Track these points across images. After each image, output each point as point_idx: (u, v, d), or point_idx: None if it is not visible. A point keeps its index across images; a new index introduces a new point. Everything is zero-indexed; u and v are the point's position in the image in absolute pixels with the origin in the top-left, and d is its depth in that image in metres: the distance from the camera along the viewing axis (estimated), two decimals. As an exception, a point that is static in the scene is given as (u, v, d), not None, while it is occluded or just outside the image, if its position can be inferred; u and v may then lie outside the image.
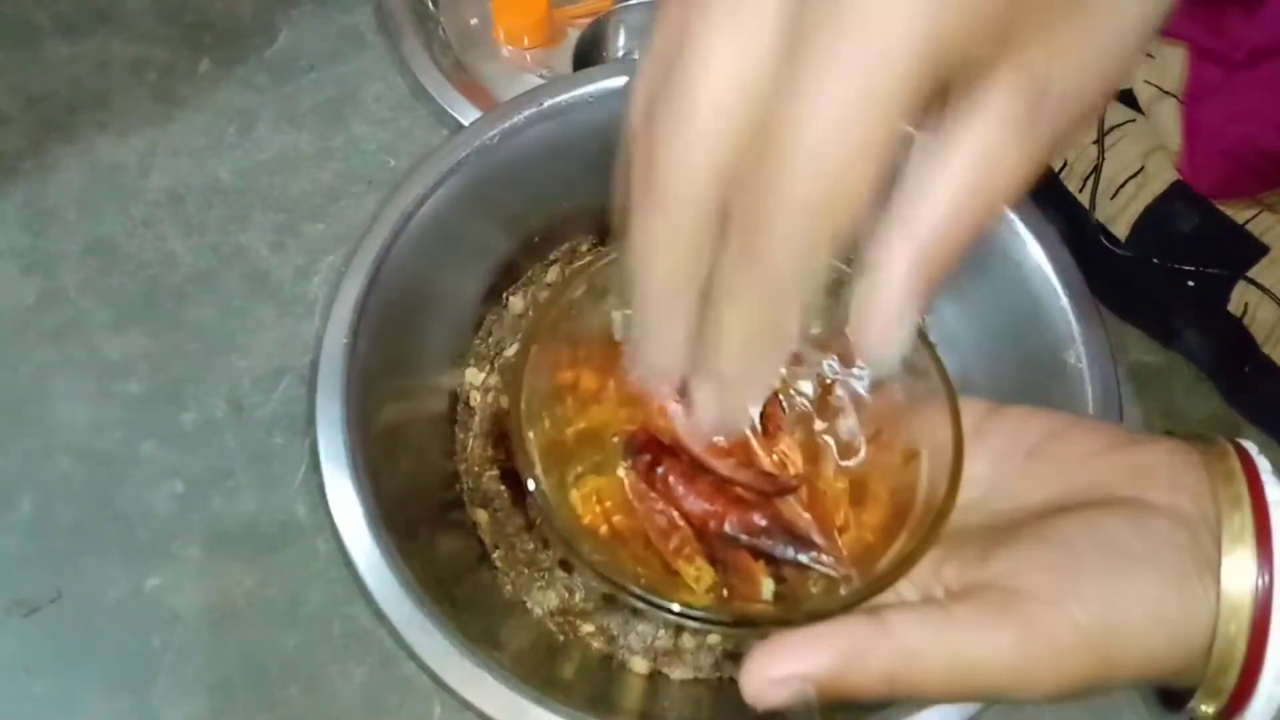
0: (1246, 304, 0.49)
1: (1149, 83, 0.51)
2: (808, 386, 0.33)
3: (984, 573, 0.26)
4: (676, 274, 0.21)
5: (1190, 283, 0.50)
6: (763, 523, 0.30)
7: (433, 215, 0.47)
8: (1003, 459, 0.30)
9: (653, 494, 0.31)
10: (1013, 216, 0.47)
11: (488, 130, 0.48)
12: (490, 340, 0.54)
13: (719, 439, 0.31)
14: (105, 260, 0.59)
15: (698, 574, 0.30)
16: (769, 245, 0.19)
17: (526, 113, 0.48)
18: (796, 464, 0.32)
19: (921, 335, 0.30)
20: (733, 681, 0.46)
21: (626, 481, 0.32)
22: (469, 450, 0.51)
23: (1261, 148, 0.46)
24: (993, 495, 0.30)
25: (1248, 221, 0.49)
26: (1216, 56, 0.47)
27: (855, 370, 0.33)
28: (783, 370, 0.32)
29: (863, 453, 0.33)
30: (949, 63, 0.18)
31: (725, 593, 0.30)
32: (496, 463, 0.51)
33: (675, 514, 0.31)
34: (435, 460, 0.50)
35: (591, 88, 0.49)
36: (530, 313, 0.54)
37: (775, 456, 0.32)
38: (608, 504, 0.32)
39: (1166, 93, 0.50)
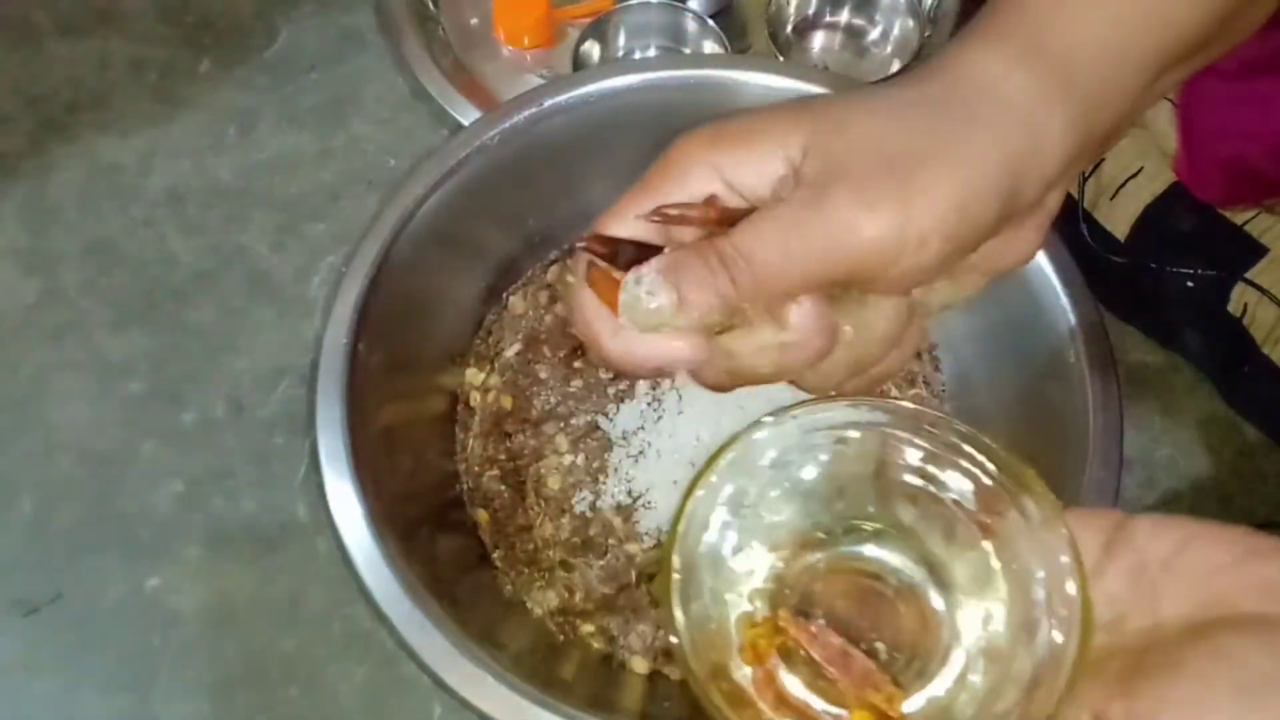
0: (1246, 304, 0.49)
1: None
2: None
3: (1132, 709, 0.27)
4: None
5: (1190, 283, 0.50)
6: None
7: (433, 215, 0.47)
8: (1136, 576, 0.30)
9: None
10: (1012, 217, 0.47)
11: (488, 130, 0.48)
12: (490, 340, 0.54)
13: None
14: (105, 260, 0.59)
15: (888, 698, 0.31)
16: None
17: (526, 113, 0.48)
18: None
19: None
20: (733, 681, 0.46)
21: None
22: (469, 450, 0.51)
23: (1260, 169, 0.47)
24: (1130, 614, 0.30)
25: (1246, 223, 0.49)
26: (1210, 65, 0.47)
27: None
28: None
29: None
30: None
31: None
32: (496, 463, 0.51)
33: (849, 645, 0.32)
34: (435, 460, 0.50)
35: (591, 88, 0.49)
36: (530, 313, 0.54)
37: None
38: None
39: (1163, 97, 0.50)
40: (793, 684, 0.32)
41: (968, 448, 0.32)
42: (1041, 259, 0.46)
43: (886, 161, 0.27)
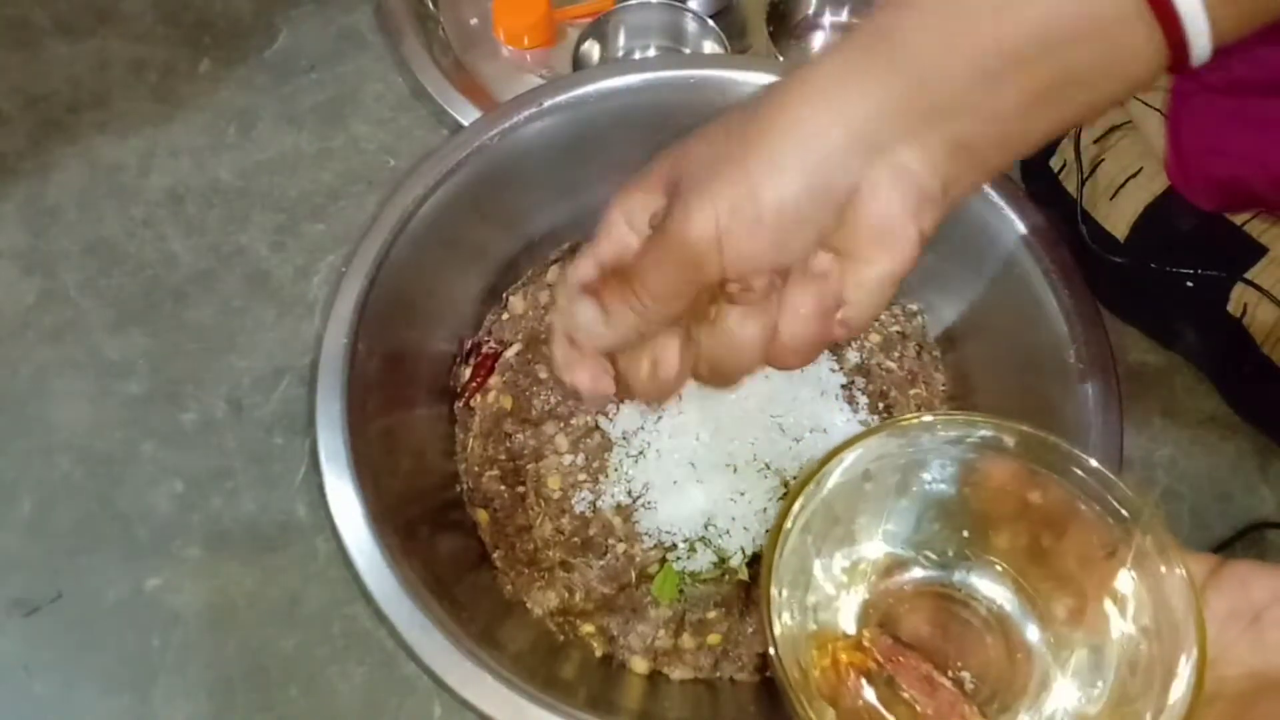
0: (1245, 305, 0.49)
1: (1136, 97, 0.51)
2: None
3: None
4: None
5: (1189, 284, 0.50)
6: None
7: (433, 215, 0.47)
8: (1228, 623, 0.30)
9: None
10: (1013, 216, 0.47)
11: (488, 130, 0.48)
12: (490, 340, 0.54)
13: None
14: (105, 260, 0.59)
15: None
16: None
17: (526, 113, 0.48)
18: None
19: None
20: (733, 681, 0.46)
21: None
22: (469, 450, 0.51)
23: (1255, 190, 0.47)
24: (1219, 661, 0.30)
25: (1246, 223, 0.49)
26: (1195, 76, 0.47)
27: None
28: None
29: None
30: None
31: None
32: (496, 463, 0.51)
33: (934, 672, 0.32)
34: (435, 460, 0.50)
35: (591, 88, 0.49)
36: (530, 313, 0.54)
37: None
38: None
39: (1152, 107, 0.50)
40: (870, 700, 0.32)
41: (1092, 481, 0.32)
42: (1042, 259, 0.46)
43: (701, 169, 0.32)
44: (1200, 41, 0.28)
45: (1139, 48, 0.28)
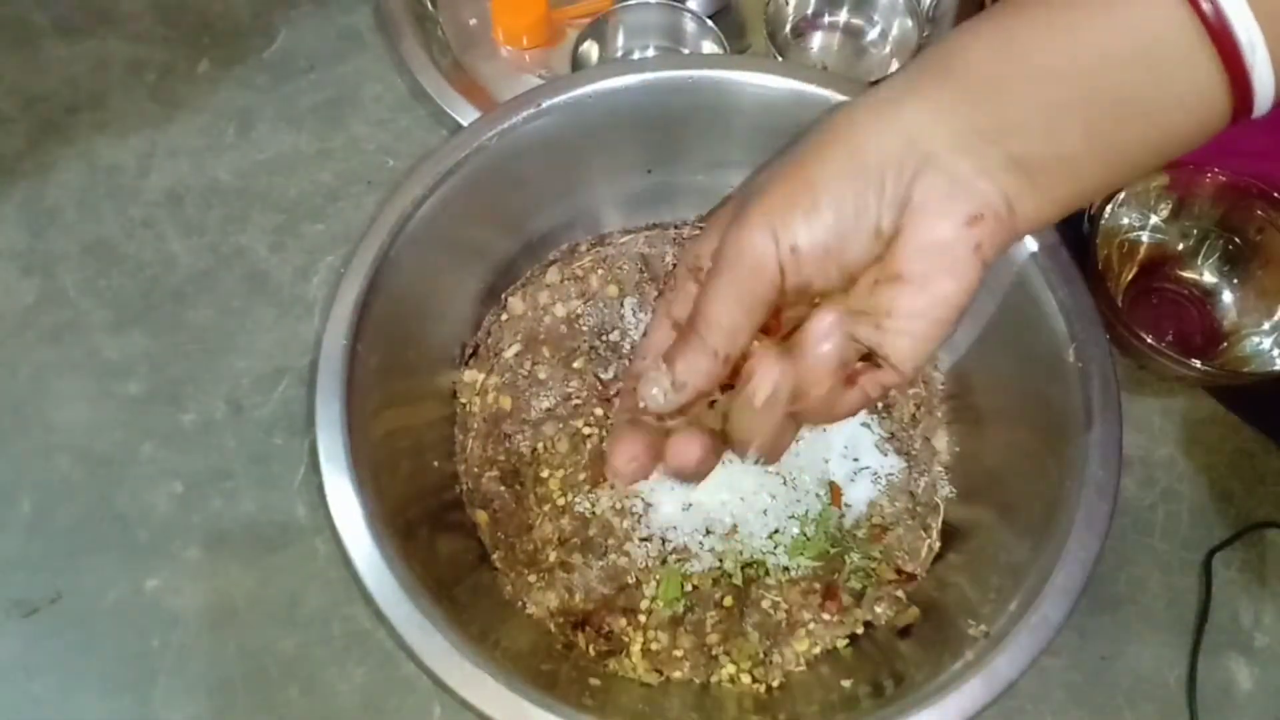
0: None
1: None
2: None
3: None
4: None
5: None
6: None
7: (432, 216, 0.47)
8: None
9: None
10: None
11: (487, 131, 0.48)
12: (490, 341, 0.54)
13: None
14: (105, 261, 0.59)
15: None
16: None
17: (525, 113, 0.48)
18: None
19: None
20: (732, 681, 0.46)
21: None
22: (468, 451, 0.51)
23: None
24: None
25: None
26: None
27: None
28: None
29: None
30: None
31: None
32: (496, 464, 0.51)
33: None
34: (434, 461, 0.50)
35: (590, 88, 0.49)
36: (529, 314, 0.54)
37: None
38: None
39: None
40: None
41: None
42: (1042, 259, 0.46)
43: (765, 192, 0.31)
44: (1263, 75, 0.28)
45: (1200, 81, 0.28)
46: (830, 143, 0.31)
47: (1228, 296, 0.54)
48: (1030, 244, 0.45)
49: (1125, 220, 0.54)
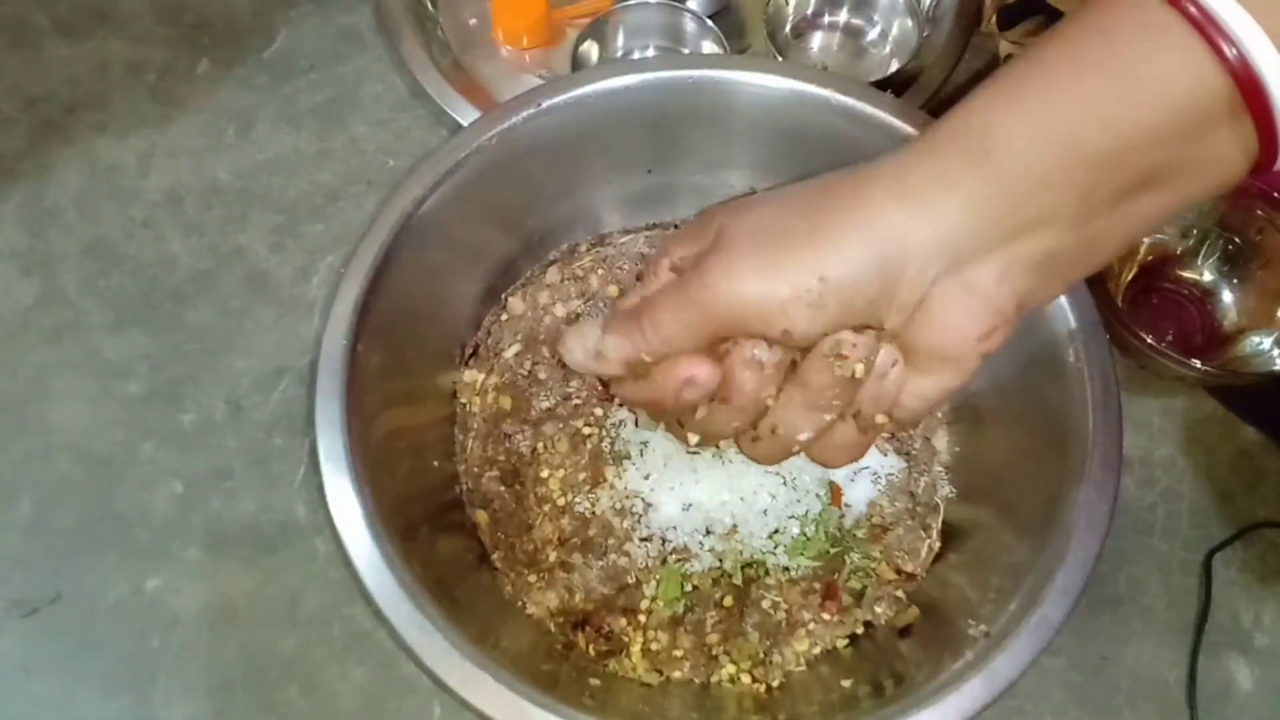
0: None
1: None
2: None
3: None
4: None
5: None
6: None
7: (432, 216, 0.47)
8: None
9: None
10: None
11: (487, 131, 0.48)
12: (489, 341, 0.54)
13: None
14: (104, 261, 0.59)
15: None
16: None
17: (525, 113, 0.48)
18: None
19: None
20: (732, 681, 0.46)
21: None
22: (468, 451, 0.51)
23: None
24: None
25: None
26: None
27: None
28: None
29: None
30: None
31: None
32: (496, 464, 0.51)
33: None
34: (435, 461, 0.50)
35: (590, 88, 0.49)
36: (529, 314, 0.54)
37: None
38: None
39: None
40: None
41: None
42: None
43: (765, 237, 0.31)
44: None
45: (1226, 150, 0.28)
46: (851, 221, 0.30)
47: (1228, 296, 0.54)
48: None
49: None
